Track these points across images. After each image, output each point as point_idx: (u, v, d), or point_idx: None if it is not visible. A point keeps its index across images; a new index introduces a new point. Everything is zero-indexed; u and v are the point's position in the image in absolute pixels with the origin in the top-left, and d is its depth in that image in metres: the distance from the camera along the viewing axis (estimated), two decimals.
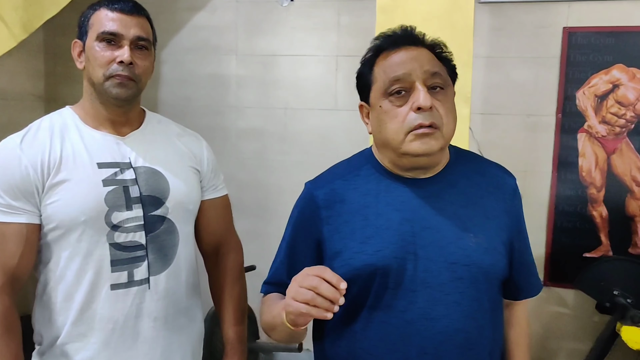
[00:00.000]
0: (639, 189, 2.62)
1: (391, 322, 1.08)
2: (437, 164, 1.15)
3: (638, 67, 2.58)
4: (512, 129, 2.75)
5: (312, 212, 1.17)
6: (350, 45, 2.88)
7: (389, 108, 1.08)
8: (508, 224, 1.15)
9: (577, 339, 2.71)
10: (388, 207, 1.12)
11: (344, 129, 2.90)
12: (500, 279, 1.15)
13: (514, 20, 2.70)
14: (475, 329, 1.08)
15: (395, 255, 1.08)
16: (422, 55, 1.10)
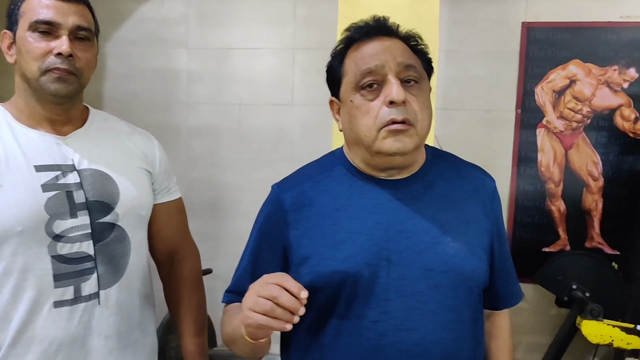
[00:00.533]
0: (594, 183, 2.65)
1: (362, 333, 0.99)
2: (413, 163, 1.07)
3: (593, 63, 2.60)
4: (472, 124, 2.73)
5: (279, 217, 1.08)
6: (307, 38, 2.78)
7: (360, 103, 1.01)
8: (488, 229, 1.08)
9: (537, 333, 2.73)
10: (361, 210, 1.04)
11: (300, 124, 2.81)
12: (481, 286, 1.07)
13: (474, 14, 2.67)
14: (454, 341, 1.00)
15: (368, 262, 1.00)
16: (396, 46, 1.03)
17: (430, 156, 1.13)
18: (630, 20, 2.55)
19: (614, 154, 2.62)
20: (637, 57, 2.55)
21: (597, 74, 2.60)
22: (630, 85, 2.58)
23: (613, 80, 2.59)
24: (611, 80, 2.59)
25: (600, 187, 2.65)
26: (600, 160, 2.64)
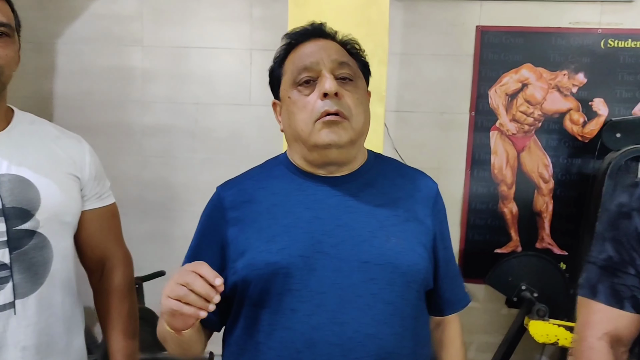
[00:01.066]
0: (545, 185, 2.71)
1: (296, 328, 0.99)
2: (350, 159, 1.09)
3: (544, 67, 2.64)
4: (427, 127, 2.76)
5: (219, 215, 1.10)
6: (264, 39, 2.77)
7: (297, 98, 1.05)
8: (430, 229, 1.09)
9: (488, 332, 2.77)
10: (299, 206, 1.06)
11: (257, 125, 2.80)
12: (421, 283, 1.06)
13: (428, 17, 2.69)
14: (391, 336, 1.00)
15: (302, 254, 1.00)
16: (331, 46, 1.08)
17: (372, 157, 1.16)
18: (578, 27, 2.60)
19: (563, 156, 2.68)
20: (585, 62, 2.61)
21: (547, 78, 2.65)
22: (579, 90, 2.63)
23: (563, 84, 2.64)
24: (561, 84, 2.64)
25: (550, 189, 2.70)
26: (550, 162, 2.69)
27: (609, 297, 1.06)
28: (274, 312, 1.01)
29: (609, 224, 1.10)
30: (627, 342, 1.07)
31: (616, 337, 1.06)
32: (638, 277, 1.04)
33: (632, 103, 2.61)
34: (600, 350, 1.05)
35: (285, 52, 1.12)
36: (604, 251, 1.09)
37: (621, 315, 1.05)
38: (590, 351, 1.06)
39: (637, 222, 1.04)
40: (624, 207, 1.07)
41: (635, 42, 2.58)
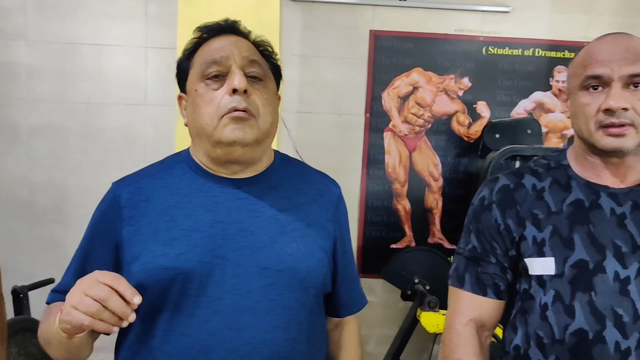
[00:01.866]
0: (435, 183, 2.86)
1: (192, 334, 0.97)
2: (254, 159, 1.07)
3: (433, 71, 2.80)
4: (326, 127, 2.82)
5: (113, 213, 1.05)
6: (160, 37, 2.71)
7: (204, 92, 1.01)
8: (331, 233, 1.10)
9: (385, 326, 2.89)
10: (199, 208, 1.02)
11: (154, 125, 2.73)
12: (319, 287, 1.07)
13: (325, 21, 2.76)
14: (286, 341, 1.00)
15: (201, 259, 0.98)
16: (243, 43, 1.06)
17: (278, 160, 1.14)
18: (463, 34, 2.78)
19: (451, 156, 2.85)
20: (469, 67, 2.79)
21: (436, 82, 2.80)
22: (465, 93, 2.81)
23: (450, 88, 2.81)
24: (448, 88, 2.81)
25: (440, 186, 2.86)
26: (439, 162, 2.85)
27: (473, 285, 1.15)
28: (170, 317, 0.99)
29: (473, 217, 1.19)
30: (490, 327, 1.17)
31: (481, 323, 1.15)
32: (498, 265, 1.14)
33: (511, 106, 2.82)
34: (466, 336, 1.14)
35: (196, 45, 1.08)
36: (469, 242, 1.18)
37: (484, 302, 1.15)
38: (457, 337, 1.14)
39: (496, 214, 1.13)
40: (485, 200, 1.17)
41: (512, 50, 2.80)
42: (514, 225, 1.11)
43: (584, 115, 1.04)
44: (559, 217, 1.07)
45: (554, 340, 1.04)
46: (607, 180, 1.07)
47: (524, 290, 1.11)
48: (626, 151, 1.02)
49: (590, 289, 1.01)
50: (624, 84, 1.00)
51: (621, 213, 1.03)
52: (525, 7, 2.79)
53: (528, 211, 1.10)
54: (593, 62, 1.03)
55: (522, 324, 1.11)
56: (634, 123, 0.99)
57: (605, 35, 1.07)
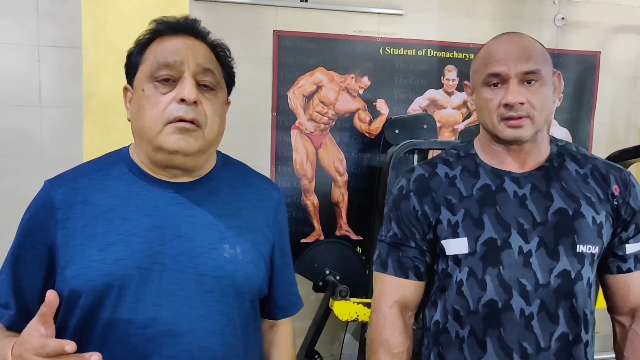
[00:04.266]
0: (341, 178, 2.99)
1: (129, 340, 0.96)
2: (197, 166, 1.05)
3: (335, 71, 2.92)
4: (233, 126, 2.78)
5: (47, 215, 1.00)
6: (54, 35, 2.57)
7: (151, 93, 0.98)
8: (270, 238, 1.11)
9: (299, 319, 2.90)
10: (137, 212, 1.00)
11: (51, 127, 2.59)
12: (255, 293, 1.08)
13: (229, 21, 2.77)
14: (222, 347, 1.01)
15: (139, 265, 0.97)
16: (199, 48, 1.02)
17: (221, 163, 1.13)
18: (362, 35, 2.93)
19: (355, 151, 2.99)
20: (368, 67, 2.94)
21: (338, 81, 2.93)
22: (365, 92, 2.96)
23: (351, 86, 2.94)
24: (350, 86, 2.94)
25: (345, 181, 2.99)
26: (344, 157, 2.98)
27: (396, 269, 1.26)
28: (106, 324, 0.97)
29: (393, 206, 1.29)
30: (413, 307, 1.28)
31: (404, 304, 1.26)
32: (418, 249, 1.25)
33: (407, 103, 3.02)
34: (392, 317, 1.24)
35: (149, 39, 1.03)
36: (390, 229, 1.28)
37: (407, 284, 1.25)
38: (384, 319, 1.24)
39: (414, 201, 1.24)
40: (403, 189, 1.27)
41: (407, 50, 2.99)
42: (430, 210, 1.22)
43: (487, 109, 1.17)
44: (470, 200, 1.20)
45: (469, 312, 1.17)
46: (510, 166, 1.22)
47: (442, 269, 1.23)
48: (524, 140, 1.16)
49: (498, 264, 1.15)
50: (520, 81, 1.13)
51: (522, 194, 1.18)
52: (417, 11, 2.99)
53: (442, 197, 1.22)
54: (492, 61, 1.15)
55: (441, 301, 1.23)
56: (529, 115, 1.13)
57: (501, 35, 1.21)
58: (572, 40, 3.22)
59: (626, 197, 1.19)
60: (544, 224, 1.15)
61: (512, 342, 1.13)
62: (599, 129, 3.32)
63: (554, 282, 1.14)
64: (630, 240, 1.20)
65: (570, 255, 1.14)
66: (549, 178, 1.20)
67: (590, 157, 1.25)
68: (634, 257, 1.21)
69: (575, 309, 1.14)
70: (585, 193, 1.18)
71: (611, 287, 1.24)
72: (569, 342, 1.14)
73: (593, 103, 3.29)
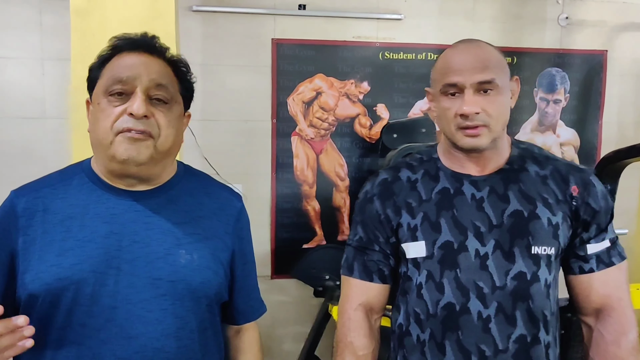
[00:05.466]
0: (342, 183, 2.99)
1: (84, 342, 1.00)
2: (152, 175, 1.09)
3: (335, 77, 2.93)
4: (232, 134, 2.87)
5: (9, 222, 1.05)
6: (57, 48, 2.65)
7: (105, 106, 1.03)
8: (229, 246, 1.15)
9: (300, 323, 2.97)
10: (95, 219, 1.05)
11: (53, 139, 2.66)
12: (212, 298, 1.11)
13: (227, 30, 2.81)
14: (177, 349, 1.05)
15: (95, 269, 1.01)
16: (154, 64, 1.06)
17: (182, 173, 1.17)
18: (360, 40, 2.93)
19: (355, 156, 2.99)
20: (368, 72, 2.94)
21: (338, 87, 2.94)
22: (365, 97, 2.96)
23: (351, 92, 2.95)
24: (350, 92, 2.95)
25: (346, 186, 2.99)
26: (345, 162, 2.98)
27: (361, 272, 1.26)
28: (62, 327, 1.01)
29: (358, 210, 1.30)
30: (378, 310, 1.28)
31: (369, 306, 1.26)
32: (382, 252, 1.25)
33: (408, 107, 3.01)
34: (357, 320, 1.24)
35: (109, 55, 1.08)
36: (357, 233, 1.28)
37: (371, 287, 1.25)
38: (349, 321, 1.25)
39: (377, 205, 1.25)
40: (368, 194, 1.28)
41: (406, 55, 2.98)
42: (392, 214, 1.23)
43: (446, 118, 1.17)
44: (429, 204, 1.19)
45: (429, 315, 1.16)
46: (470, 170, 1.21)
47: (403, 272, 1.22)
48: (482, 148, 1.16)
49: (455, 267, 1.14)
50: (475, 90, 1.12)
51: (480, 197, 1.17)
52: (416, 15, 2.99)
53: (403, 201, 1.22)
54: (449, 71, 1.15)
55: (403, 304, 1.22)
56: (486, 124, 1.13)
57: (459, 43, 1.20)
58: (577, 40, 3.16)
59: (585, 198, 1.17)
60: (499, 227, 1.14)
61: (471, 344, 1.12)
62: (607, 128, 3.24)
63: (510, 284, 1.12)
64: (591, 241, 1.19)
65: (525, 257, 1.13)
66: (507, 180, 1.19)
67: (552, 159, 1.23)
68: (596, 257, 1.19)
69: (532, 310, 1.13)
70: (542, 194, 1.17)
71: (574, 288, 1.22)
72: (527, 343, 1.13)
73: (601, 102, 3.22)
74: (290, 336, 2.99)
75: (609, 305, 1.18)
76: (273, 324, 2.95)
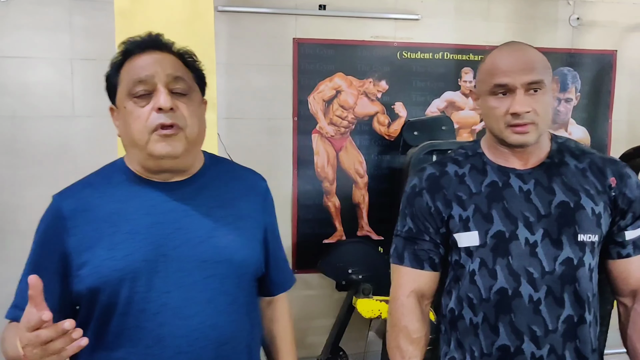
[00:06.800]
0: (361, 180, 3.07)
1: (144, 326, 1.07)
2: (186, 166, 1.16)
3: (354, 76, 3.00)
4: (255, 132, 2.95)
5: (57, 225, 1.11)
6: (86, 48, 2.71)
7: (132, 109, 1.09)
8: (261, 223, 1.22)
9: (324, 317, 3.05)
10: (138, 212, 1.11)
11: (84, 137, 2.73)
12: (253, 274, 1.20)
13: (251, 30, 2.88)
14: (229, 323, 1.12)
15: (145, 258, 1.08)
16: (167, 59, 1.13)
17: (208, 161, 1.24)
18: (379, 40, 3.01)
19: (374, 154, 3.07)
20: (386, 71, 3.02)
21: (357, 85, 3.01)
22: (383, 95, 3.04)
23: (369, 90, 3.03)
24: (368, 90, 3.03)
25: (365, 183, 3.07)
26: (364, 159, 3.06)
27: (412, 261, 1.34)
28: (122, 314, 1.08)
29: (407, 202, 1.37)
30: (429, 296, 1.36)
31: (420, 293, 1.34)
32: (432, 242, 1.33)
33: (425, 105, 3.09)
34: (409, 305, 1.32)
35: (122, 60, 1.14)
36: (406, 225, 1.36)
37: (422, 274, 1.33)
38: (402, 307, 1.33)
39: (427, 198, 1.32)
40: (416, 187, 1.36)
41: (424, 54, 3.06)
42: (442, 206, 1.30)
43: (494, 116, 1.25)
44: (479, 196, 1.27)
45: (482, 300, 1.24)
46: (514, 164, 1.29)
47: (455, 261, 1.30)
48: (530, 144, 1.24)
49: (507, 254, 1.22)
50: (525, 90, 1.21)
51: (527, 189, 1.25)
52: (433, 15, 3.07)
53: (453, 194, 1.30)
54: (498, 72, 1.22)
55: (455, 290, 1.30)
56: (534, 122, 1.21)
57: (504, 45, 1.28)
58: (587, 40, 3.26)
59: (622, 188, 1.26)
60: (547, 217, 1.23)
61: (523, 325, 1.21)
62: (617, 126, 3.34)
63: (559, 269, 1.21)
64: (628, 228, 1.28)
65: (572, 244, 1.21)
66: (550, 173, 1.27)
67: (587, 152, 1.32)
68: (633, 243, 1.28)
69: (578, 292, 1.22)
70: (584, 186, 1.26)
71: (613, 272, 1.31)
72: (574, 323, 1.22)
73: (610, 101, 3.31)
74: (313, 329, 3.06)
75: None
76: (297, 317, 3.02)
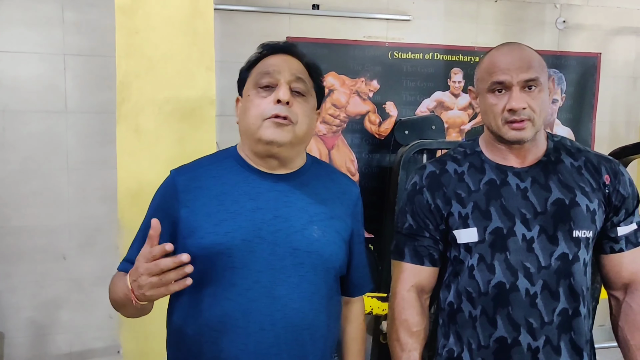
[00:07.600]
0: (353, 177, 3.10)
1: (235, 299, 1.16)
2: (289, 158, 1.25)
3: (346, 75, 3.04)
4: None
5: (172, 196, 1.23)
6: (79, 44, 2.70)
7: (254, 97, 1.21)
8: (349, 226, 1.30)
9: None
10: (244, 196, 1.21)
11: (75, 132, 2.72)
12: (337, 269, 1.27)
13: (244, 28, 2.90)
14: (311, 310, 1.20)
15: (244, 238, 1.17)
16: (294, 62, 1.25)
17: (310, 162, 1.33)
18: (371, 40, 3.05)
19: (365, 152, 3.11)
20: (377, 70, 3.06)
21: (349, 85, 3.05)
22: (374, 95, 3.08)
23: (361, 90, 3.06)
24: (360, 90, 3.06)
25: (357, 180, 3.11)
26: (355, 158, 3.10)
27: (412, 257, 1.38)
28: (216, 285, 1.17)
29: (407, 200, 1.41)
30: (428, 290, 1.40)
31: (420, 288, 1.38)
32: (432, 238, 1.37)
33: (415, 105, 3.14)
34: (410, 300, 1.36)
35: (257, 59, 1.27)
36: (406, 222, 1.40)
37: (422, 270, 1.38)
38: (403, 301, 1.37)
39: (427, 196, 1.36)
40: (417, 185, 1.40)
41: (414, 54, 3.11)
42: (442, 204, 1.35)
43: (493, 113, 1.29)
44: (478, 194, 1.32)
45: (480, 294, 1.29)
46: (512, 162, 1.34)
47: (454, 256, 1.35)
48: (526, 140, 1.29)
49: (505, 250, 1.27)
50: (521, 87, 1.26)
51: (524, 187, 1.30)
52: (424, 16, 3.12)
53: (453, 192, 1.34)
54: (496, 70, 1.28)
55: (454, 284, 1.35)
56: (530, 118, 1.26)
57: (503, 45, 1.33)
58: (573, 42, 3.34)
59: (616, 186, 1.32)
60: (543, 213, 1.28)
61: (520, 318, 1.25)
62: (600, 127, 3.43)
63: (555, 264, 1.26)
64: (621, 224, 1.34)
65: (568, 240, 1.27)
66: (547, 171, 1.32)
67: (583, 150, 1.38)
68: (625, 239, 1.34)
69: (573, 286, 1.27)
70: (579, 184, 1.31)
71: (606, 266, 1.37)
72: (569, 315, 1.27)
73: (594, 103, 3.40)
74: None
75: (636, 281, 1.33)
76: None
